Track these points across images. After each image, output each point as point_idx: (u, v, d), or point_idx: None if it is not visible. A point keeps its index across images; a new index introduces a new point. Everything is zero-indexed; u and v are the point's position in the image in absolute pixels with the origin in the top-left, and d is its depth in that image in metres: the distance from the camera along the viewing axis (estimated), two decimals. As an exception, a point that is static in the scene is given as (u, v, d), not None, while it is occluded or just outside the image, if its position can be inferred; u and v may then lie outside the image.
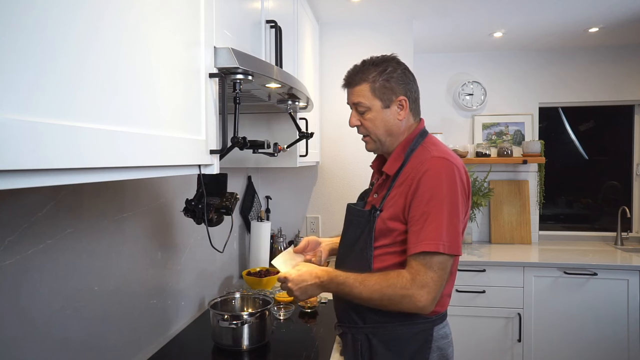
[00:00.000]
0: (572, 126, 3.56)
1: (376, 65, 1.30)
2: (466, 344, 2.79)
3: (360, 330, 1.30)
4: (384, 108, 1.30)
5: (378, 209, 1.27)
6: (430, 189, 1.17)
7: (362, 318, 1.29)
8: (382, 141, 1.33)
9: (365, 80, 1.29)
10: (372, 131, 1.32)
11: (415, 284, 1.14)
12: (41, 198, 1.02)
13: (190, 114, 0.87)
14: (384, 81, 1.28)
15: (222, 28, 1.08)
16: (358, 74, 1.31)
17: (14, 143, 0.44)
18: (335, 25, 2.75)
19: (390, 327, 1.25)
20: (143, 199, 1.47)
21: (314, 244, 1.54)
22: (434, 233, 1.14)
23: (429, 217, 1.15)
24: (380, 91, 1.28)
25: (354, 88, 1.32)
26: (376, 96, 1.29)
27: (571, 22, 2.75)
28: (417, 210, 1.18)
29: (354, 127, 1.36)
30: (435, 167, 1.19)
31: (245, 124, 2.05)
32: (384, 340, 1.26)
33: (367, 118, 1.31)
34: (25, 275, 0.98)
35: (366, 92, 1.29)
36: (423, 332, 1.25)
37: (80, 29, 0.55)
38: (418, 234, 1.16)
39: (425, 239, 1.15)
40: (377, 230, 1.26)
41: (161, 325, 1.60)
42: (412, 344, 1.25)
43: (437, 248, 1.14)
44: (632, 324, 2.69)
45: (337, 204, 2.81)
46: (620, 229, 3.26)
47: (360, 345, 1.29)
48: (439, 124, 3.46)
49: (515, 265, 2.78)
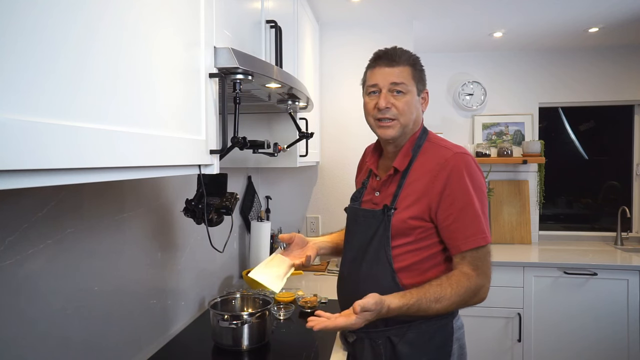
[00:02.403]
0: (572, 126, 3.56)
1: (410, 53, 1.29)
2: (466, 344, 2.79)
3: (382, 334, 1.25)
4: (417, 96, 1.29)
5: (392, 207, 1.24)
6: (463, 187, 1.19)
7: (384, 320, 1.21)
8: (406, 128, 1.28)
9: (409, 63, 1.27)
10: (404, 115, 1.25)
11: (480, 279, 1.19)
12: (41, 198, 1.02)
13: (190, 114, 0.87)
14: (421, 70, 1.29)
15: (222, 28, 1.08)
16: (404, 55, 1.27)
17: (14, 143, 0.44)
18: (335, 25, 2.75)
19: (415, 325, 1.23)
20: (143, 199, 1.47)
21: (300, 240, 1.45)
22: (479, 227, 1.19)
23: (468, 213, 1.19)
24: (418, 77, 1.28)
25: (396, 67, 1.25)
26: (415, 82, 1.27)
27: (571, 22, 2.75)
28: (453, 208, 1.19)
29: (383, 109, 1.24)
30: (462, 164, 1.21)
31: (245, 124, 2.05)
32: (408, 340, 1.23)
33: (403, 101, 1.25)
34: (25, 275, 0.98)
35: (409, 74, 1.26)
36: (445, 326, 1.26)
37: (80, 29, 0.55)
38: (464, 231, 1.19)
39: (473, 235, 1.19)
40: (394, 229, 1.24)
41: (161, 325, 1.59)
42: (435, 339, 1.25)
43: (487, 241, 1.20)
44: (632, 324, 2.69)
45: (337, 204, 2.81)
46: (620, 229, 3.26)
47: (382, 349, 1.25)
48: (439, 124, 3.46)
49: (515, 265, 2.78)
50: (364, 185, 1.42)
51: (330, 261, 2.73)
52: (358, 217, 1.35)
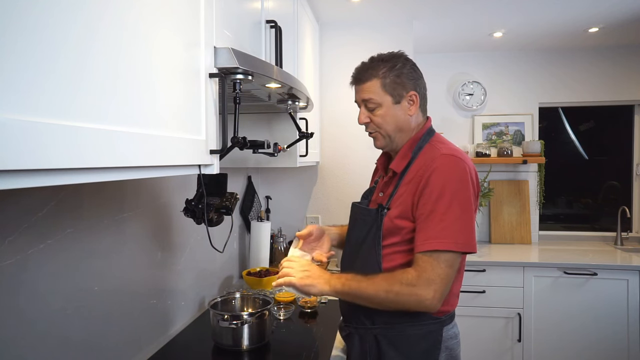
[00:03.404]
0: (572, 126, 3.56)
1: (385, 61, 1.29)
2: (466, 344, 2.77)
3: (369, 331, 1.27)
4: (395, 104, 1.28)
5: (385, 207, 1.25)
6: (439, 186, 1.15)
7: (370, 318, 1.27)
8: (392, 137, 1.31)
9: (376, 76, 1.27)
10: (382, 127, 1.30)
11: (422, 281, 1.12)
12: (41, 198, 1.02)
13: (190, 114, 0.87)
14: (395, 77, 1.27)
15: (222, 28, 1.08)
16: (368, 70, 1.29)
17: (14, 143, 0.44)
18: (335, 25, 2.75)
19: (400, 327, 1.23)
20: (143, 199, 1.47)
21: (319, 233, 1.46)
22: (444, 231, 1.13)
23: (437, 215, 1.14)
24: (391, 87, 1.27)
25: (363, 84, 1.30)
26: (387, 92, 1.27)
27: (571, 22, 2.75)
28: (425, 207, 1.16)
29: (363, 125, 1.34)
30: (444, 165, 1.18)
31: (245, 124, 2.05)
32: (393, 342, 1.24)
33: (378, 114, 1.29)
34: (26, 275, 0.98)
35: (376, 88, 1.27)
36: (433, 333, 1.23)
37: (80, 29, 0.55)
38: (426, 232, 1.15)
39: (433, 237, 1.13)
40: (385, 229, 1.24)
41: (161, 325, 1.59)
42: (421, 344, 1.23)
43: (445, 246, 1.12)
44: (632, 324, 2.69)
45: (337, 204, 2.81)
46: (620, 229, 3.26)
47: (368, 346, 1.27)
48: (439, 124, 3.45)
49: (515, 265, 2.78)
50: (375, 185, 1.43)
51: (330, 261, 2.73)
52: (357, 214, 1.37)
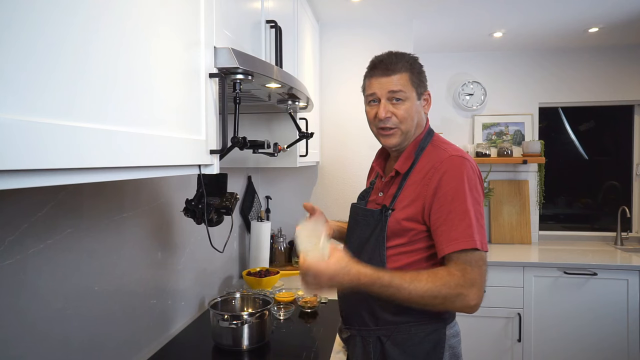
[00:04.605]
0: (572, 126, 3.56)
1: (409, 56, 1.28)
2: (466, 344, 2.77)
3: (372, 333, 1.26)
4: (417, 100, 1.28)
5: (390, 208, 1.24)
6: (453, 188, 1.16)
7: (374, 319, 1.25)
8: (407, 135, 1.28)
9: (407, 69, 1.25)
10: (405, 123, 1.25)
11: (466, 282, 1.11)
12: (41, 198, 1.02)
13: (190, 114, 0.87)
14: (418, 73, 1.27)
15: (222, 28, 1.08)
16: (400, 62, 1.25)
17: (14, 143, 0.44)
18: (335, 25, 2.75)
19: (405, 327, 1.22)
20: (143, 199, 1.47)
21: (321, 215, 1.42)
22: (467, 231, 1.13)
23: (457, 216, 1.14)
24: (416, 82, 1.26)
25: (393, 76, 1.24)
26: (414, 86, 1.26)
27: (571, 22, 2.75)
28: (442, 210, 1.16)
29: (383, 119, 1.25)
30: (455, 167, 1.18)
31: (245, 124, 2.05)
32: (398, 342, 1.23)
33: (402, 108, 1.25)
34: (25, 275, 0.98)
35: (407, 81, 1.25)
36: (436, 332, 1.23)
37: (80, 28, 0.55)
38: (449, 233, 1.14)
39: (459, 238, 1.13)
40: (389, 230, 1.23)
41: (161, 325, 1.59)
42: (425, 344, 1.22)
43: (474, 245, 1.12)
44: (632, 324, 2.69)
45: (337, 204, 2.81)
46: (620, 229, 3.26)
47: (372, 348, 1.25)
48: (439, 124, 3.46)
49: (515, 265, 2.78)
50: (371, 185, 1.42)
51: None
52: (358, 215, 1.35)
